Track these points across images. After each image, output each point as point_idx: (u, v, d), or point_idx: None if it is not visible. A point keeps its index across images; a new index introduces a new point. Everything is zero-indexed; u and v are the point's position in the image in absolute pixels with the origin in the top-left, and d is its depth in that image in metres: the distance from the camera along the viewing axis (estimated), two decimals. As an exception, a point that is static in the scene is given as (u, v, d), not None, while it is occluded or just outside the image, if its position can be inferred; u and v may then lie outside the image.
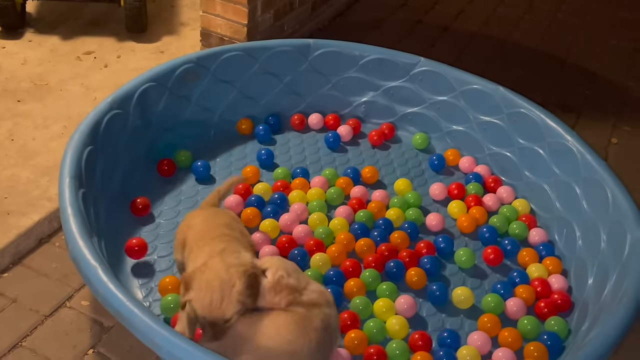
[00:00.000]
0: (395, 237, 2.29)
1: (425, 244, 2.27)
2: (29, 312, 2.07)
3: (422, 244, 2.27)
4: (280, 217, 2.34)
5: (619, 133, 3.13)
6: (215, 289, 1.60)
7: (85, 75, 3.13)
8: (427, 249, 2.26)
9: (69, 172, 2.05)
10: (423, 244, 2.27)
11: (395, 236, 2.29)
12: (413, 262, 2.20)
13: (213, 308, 1.60)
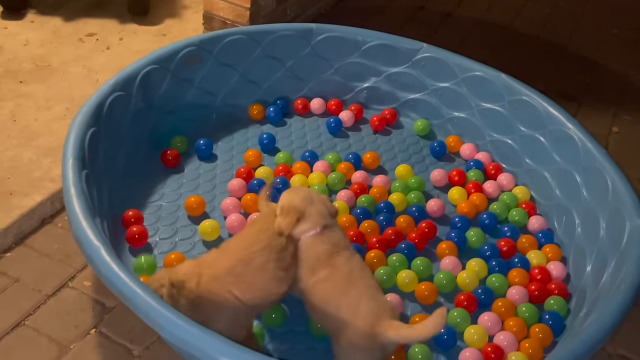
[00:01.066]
0: (401, 221, 2.30)
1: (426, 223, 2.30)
2: (31, 291, 2.08)
3: (424, 224, 2.29)
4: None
5: (620, 122, 3.14)
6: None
7: (88, 57, 3.12)
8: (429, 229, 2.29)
9: (72, 153, 2.06)
10: (425, 223, 2.30)
11: (401, 220, 2.31)
12: (422, 243, 2.24)
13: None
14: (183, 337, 1.57)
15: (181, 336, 1.57)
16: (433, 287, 2.08)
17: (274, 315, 1.96)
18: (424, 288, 2.07)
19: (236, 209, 2.32)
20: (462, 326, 1.98)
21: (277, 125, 2.82)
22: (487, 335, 1.96)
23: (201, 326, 1.60)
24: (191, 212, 2.31)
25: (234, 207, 2.32)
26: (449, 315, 2.00)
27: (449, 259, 2.18)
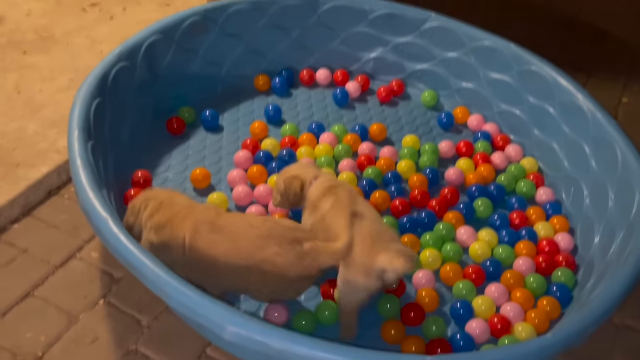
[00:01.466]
0: (414, 180, 2.33)
1: (449, 190, 2.31)
2: (39, 262, 2.09)
3: (446, 190, 2.31)
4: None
5: (630, 92, 3.10)
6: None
7: (91, 27, 3.09)
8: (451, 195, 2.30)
9: (77, 124, 2.05)
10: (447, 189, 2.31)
11: (415, 179, 2.33)
12: (443, 209, 2.26)
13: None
14: (191, 306, 1.58)
15: (189, 305, 1.58)
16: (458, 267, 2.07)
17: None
18: (448, 269, 2.06)
19: (242, 180, 2.31)
20: (469, 297, 1.98)
21: (283, 97, 2.79)
22: (494, 306, 1.96)
23: (209, 295, 1.60)
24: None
25: (240, 179, 2.31)
26: (455, 287, 2.01)
27: (464, 229, 2.17)
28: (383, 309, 1.93)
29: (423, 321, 1.91)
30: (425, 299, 1.96)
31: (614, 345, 2.00)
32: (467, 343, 1.84)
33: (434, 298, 1.97)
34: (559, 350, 1.60)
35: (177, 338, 1.90)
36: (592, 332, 1.66)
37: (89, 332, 1.91)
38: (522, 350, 1.57)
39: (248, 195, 2.25)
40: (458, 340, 1.84)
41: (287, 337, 1.53)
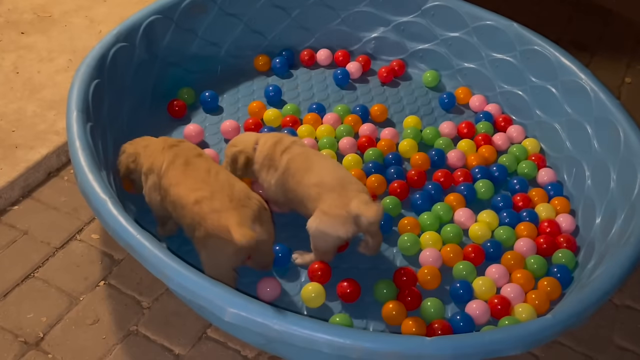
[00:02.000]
0: (417, 158, 2.34)
1: (461, 172, 2.32)
2: (40, 244, 2.09)
3: (459, 173, 2.32)
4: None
5: (633, 72, 3.07)
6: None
7: (89, 7, 3.06)
8: (463, 177, 2.31)
9: (76, 106, 2.03)
10: (460, 172, 2.32)
11: (417, 157, 2.34)
12: (447, 184, 2.29)
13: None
14: (191, 288, 1.58)
15: (189, 287, 1.58)
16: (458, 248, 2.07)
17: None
18: (449, 250, 2.06)
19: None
20: (470, 278, 1.98)
21: (283, 77, 2.77)
22: (495, 287, 1.96)
23: (208, 277, 1.60)
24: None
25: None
26: (455, 268, 2.01)
27: (462, 211, 2.17)
28: (380, 293, 1.94)
29: (420, 304, 1.91)
30: (427, 276, 1.96)
31: (614, 325, 2.01)
32: (467, 324, 1.84)
33: (436, 276, 1.97)
34: (560, 331, 1.60)
35: (178, 319, 1.91)
36: (592, 313, 1.66)
37: (90, 314, 1.91)
38: (522, 331, 1.57)
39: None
40: (458, 321, 1.84)
41: (287, 318, 1.53)
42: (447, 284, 2.00)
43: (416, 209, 2.20)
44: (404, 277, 1.96)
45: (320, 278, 1.95)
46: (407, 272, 1.97)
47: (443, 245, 2.09)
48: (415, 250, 2.07)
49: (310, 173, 1.95)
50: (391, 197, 2.20)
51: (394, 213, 2.18)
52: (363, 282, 1.98)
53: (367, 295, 1.96)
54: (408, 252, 2.07)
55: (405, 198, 2.23)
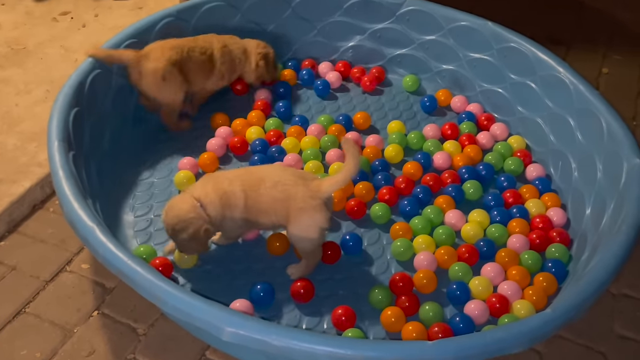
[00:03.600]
0: (409, 167, 2.33)
1: (449, 174, 2.32)
2: (29, 278, 2.05)
3: (447, 174, 2.32)
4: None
5: (610, 62, 3.10)
6: None
7: (64, 36, 3.04)
8: (451, 178, 2.31)
9: (57, 136, 2.01)
10: (447, 174, 2.32)
11: (409, 167, 2.33)
12: (437, 187, 2.28)
13: None
14: (186, 310, 1.56)
15: (185, 309, 1.56)
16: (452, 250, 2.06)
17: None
18: (443, 252, 2.05)
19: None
20: (466, 279, 1.97)
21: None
22: (491, 286, 1.96)
23: (204, 298, 1.58)
24: (182, 188, 2.27)
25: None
26: (451, 270, 2.00)
27: (453, 212, 2.17)
28: (375, 300, 1.92)
29: (419, 309, 1.90)
30: (423, 280, 1.95)
31: (613, 315, 2.01)
32: (467, 325, 1.83)
33: (432, 279, 1.96)
34: (560, 325, 1.59)
35: (175, 344, 1.88)
36: (591, 305, 1.66)
37: (85, 345, 1.88)
38: (523, 328, 1.56)
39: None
40: (457, 323, 1.83)
41: (286, 333, 1.51)
42: (444, 286, 1.99)
43: (406, 214, 2.19)
44: (400, 282, 1.95)
45: (304, 297, 1.93)
46: (403, 278, 1.96)
47: (437, 248, 2.08)
48: (409, 255, 2.06)
49: (265, 179, 1.90)
50: (380, 204, 2.19)
51: (384, 220, 2.17)
52: (359, 290, 1.98)
53: (364, 303, 1.94)
54: (402, 257, 2.06)
55: (394, 204, 2.23)
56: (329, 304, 1.93)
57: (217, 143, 2.42)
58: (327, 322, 1.89)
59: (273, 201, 1.89)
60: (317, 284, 1.97)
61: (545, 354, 1.89)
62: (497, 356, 1.56)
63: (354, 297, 1.97)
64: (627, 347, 1.93)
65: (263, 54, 2.58)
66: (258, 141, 2.43)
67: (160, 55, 2.34)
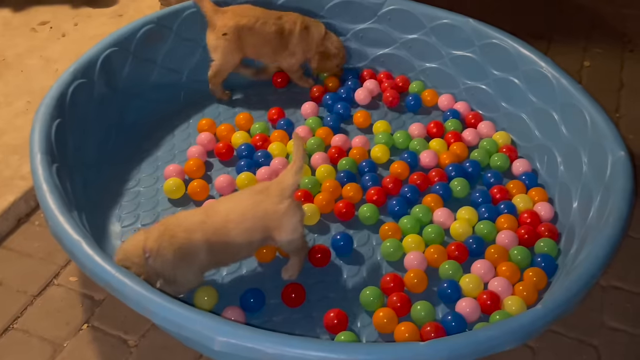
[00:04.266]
0: (396, 167, 2.33)
1: (436, 172, 2.32)
2: (16, 293, 2.03)
3: (434, 173, 2.32)
4: (258, 171, 2.33)
5: (591, 55, 3.12)
6: None
7: (43, 47, 3.01)
8: (438, 177, 2.31)
9: (39, 148, 1.99)
10: (435, 172, 2.33)
11: (396, 166, 2.33)
12: (424, 186, 2.29)
13: None
14: (177, 320, 1.55)
15: (175, 320, 1.55)
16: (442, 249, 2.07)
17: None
18: (433, 251, 2.06)
19: (230, 186, 2.29)
20: (456, 277, 1.97)
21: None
22: (482, 283, 1.96)
23: (194, 308, 1.57)
24: (171, 195, 2.26)
25: (227, 185, 2.28)
26: (441, 268, 2.00)
27: (441, 211, 2.17)
28: (367, 301, 1.92)
29: (410, 309, 1.90)
30: (413, 280, 1.95)
31: (603, 307, 2.02)
32: (459, 323, 1.83)
33: (423, 279, 1.96)
34: (551, 321, 1.60)
35: (167, 354, 1.87)
36: (581, 298, 1.67)
37: (76, 359, 1.85)
38: (514, 325, 1.56)
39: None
40: (449, 321, 1.83)
41: (278, 340, 1.50)
42: (435, 285, 1.99)
43: (394, 214, 2.19)
44: (392, 283, 1.95)
45: (295, 301, 1.93)
46: (393, 278, 1.96)
47: (426, 247, 2.08)
48: (399, 255, 2.06)
49: (230, 215, 1.84)
50: (368, 204, 2.19)
51: (373, 220, 2.17)
52: (350, 292, 1.97)
53: (356, 305, 1.94)
54: (392, 257, 2.06)
55: (383, 204, 2.22)
56: (320, 307, 1.93)
57: (197, 151, 2.40)
58: (320, 326, 1.88)
59: (247, 232, 1.85)
60: (308, 288, 1.97)
61: (538, 349, 1.90)
62: (492, 353, 1.57)
63: (346, 299, 1.96)
64: (618, 338, 1.94)
65: (321, 51, 2.63)
66: (244, 146, 2.42)
67: (232, 16, 2.51)
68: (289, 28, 2.58)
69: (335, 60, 2.69)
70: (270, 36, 2.56)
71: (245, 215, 1.84)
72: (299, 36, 2.59)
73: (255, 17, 2.54)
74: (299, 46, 2.61)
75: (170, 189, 2.25)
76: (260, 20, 2.54)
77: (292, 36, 2.58)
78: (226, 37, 2.50)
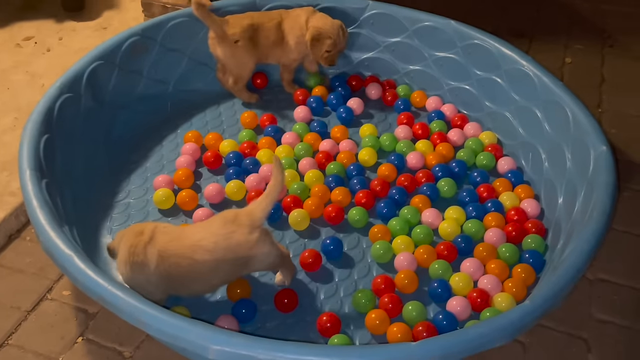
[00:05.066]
0: (383, 169, 2.35)
1: (423, 173, 2.35)
2: (10, 309, 2.03)
3: (421, 174, 2.35)
4: (247, 178, 2.35)
5: (572, 52, 3.17)
6: None
7: (29, 62, 3.02)
8: (425, 178, 2.34)
9: (28, 164, 2.00)
10: (422, 173, 2.35)
11: (383, 169, 2.35)
12: (412, 187, 2.31)
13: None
14: (171, 331, 1.56)
15: (169, 331, 1.56)
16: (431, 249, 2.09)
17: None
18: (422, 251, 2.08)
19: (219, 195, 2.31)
20: (446, 276, 2.00)
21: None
22: (472, 281, 1.99)
23: (187, 318, 1.59)
24: (161, 206, 2.28)
25: (217, 194, 2.30)
26: (431, 268, 2.02)
27: (429, 211, 2.19)
28: (359, 303, 1.94)
29: (402, 310, 1.92)
30: (404, 280, 1.98)
31: (591, 300, 2.05)
32: (450, 322, 1.86)
33: (414, 279, 1.99)
34: (540, 316, 1.63)
35: (163, 364, 1.88)
36: (568, 293, 1.70)
37: (72, 373, 1.87)
38: (503, 321, 1.59)
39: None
40: (441, 320, 1.86)
41: (272, 346, 1.52)
42: (425, 285, 2.01)
43: (383, 216, 2.22)
44: (383, 284, 1.97)
45: (288, 306, 1.94)
46: (384, 280, 1.98)
47: (415, 247, 2.10)
48: (389, 257, 2.08)
49: (193, 227, 1.87)
50: (357, 208, 2.21)
51: (362, 223, 2.20)
52: (342, 295, 2.00)
53: (348, 308, 1.96)
54: (382, 259, 2.08)
55: (371, 207, 2.25)
56: (313, 311, 1.95)
57: (185, 161, 2.41)
58: (313, 330, 1.90)
59: (217, 262, 1.80)
60: (300, 292, 1.99)
61: (529, 344, 1.93)
62: (483, 350, 1.60)
63: (338, 302, 1.99)
64: (607, 330, 1.97)
65: (312, 34, 2.56)
66: (232, 154, 2.44)
67: (235, 21, 2.56)
68: (283, 17, 2.63)
69: (328, 42, 2.55)
70: (271, 31, 2.60)
71: (216, 248, 1.79)
72: (289, 23, 2.62)
73: (255, 16, 2.61)
74: (291, 34, 2.62)
75: (160, 200, 2.26)
76: (260, 18, 2.61)
77: (284, 25, 2.62)
78: (239, 42, 2.55)
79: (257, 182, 2.31)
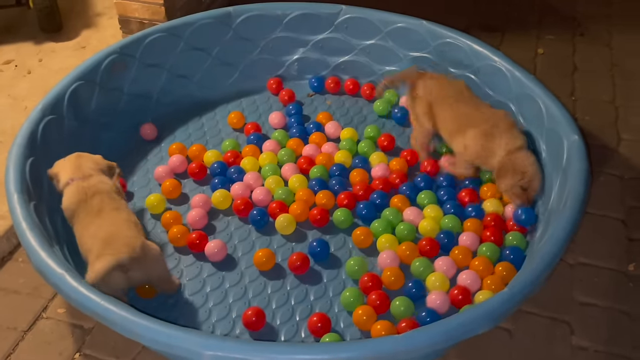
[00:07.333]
0: (354, 174, 2.40)
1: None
2: (6, 330, 2.07)
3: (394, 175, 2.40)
4: (232, 187, 2.39)
5: (544, 42, 3.23)
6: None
7: (10, 85, 3.04)
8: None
9: (15, 188, 2.03)
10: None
11: (354, 174, 2.40)
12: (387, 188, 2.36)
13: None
14: (164, 340, 1.60)
15: (162, 340, 1.61)
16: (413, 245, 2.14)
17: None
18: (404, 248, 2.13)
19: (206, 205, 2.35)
20: (427, 272, 2.06)
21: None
22: (447, 280, 2.04)
23: (180, 326, 1.63)
24: (153, 210, 2.34)
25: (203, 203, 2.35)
26: (412, 265, 2.08)
27: (410, 210, 2.25)
28: (347, 302, 1.99)
29: (389, 305, 1.97)
30: (390, 277, 2.03)
31: (573, 284, 2.11)
32: (432, 317, 1.90)
33: (400, 276, 2.04)
34: (519, 301, 1.69)
35: (160, 374, 1.92)
36: (545, 278, 1.76)
37: (71, 389, 1.90)
38: (484, 309, 1.65)
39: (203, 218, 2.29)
40: (424, 317, 1.91)
41: (264, 348, 1.57)
42: (412, 281, 2.06)
43: (365, 218, 2.27)
44: (370, 282, 2.02)
45: (255, 325, 1.95)
46: (371, 277, 2.03)
47: (399, 244, 2.16)
48: (363, 272, 2.09)
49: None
50: (341, 209, 2.26)
51: (347, 224, 2.25)
52: (331, 295, 2.05)
53: (338, 307, 2.01)
54: (356, 275, 2.10)
55: (354, 207, 2.30)
56: (303, 312, 2.00)
57: (163, 171, 2.47)
58: (305, 330, 1.95)
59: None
60: (290, 293, 2.04)
61: (514, 330, 1.98)
62: (469, 338, 1.65)
63: (327, 302, 2.04)
64: (589, 312, 2.03)
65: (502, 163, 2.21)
66: (217, 164, 2.48)
67: (435, 76, 2.45)
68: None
69: (516, 177, 2.17)
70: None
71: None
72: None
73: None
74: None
75: (152, 205, 2.33)
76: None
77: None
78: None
79: (242, 191, 2.36)
